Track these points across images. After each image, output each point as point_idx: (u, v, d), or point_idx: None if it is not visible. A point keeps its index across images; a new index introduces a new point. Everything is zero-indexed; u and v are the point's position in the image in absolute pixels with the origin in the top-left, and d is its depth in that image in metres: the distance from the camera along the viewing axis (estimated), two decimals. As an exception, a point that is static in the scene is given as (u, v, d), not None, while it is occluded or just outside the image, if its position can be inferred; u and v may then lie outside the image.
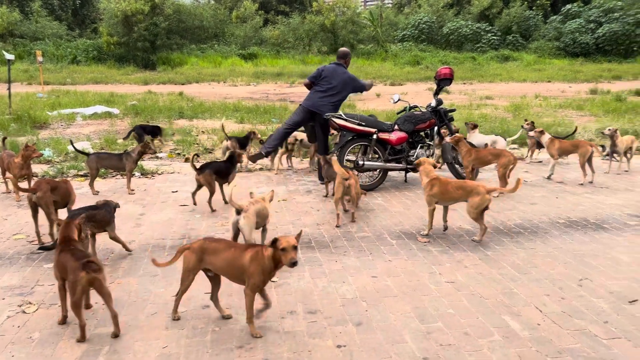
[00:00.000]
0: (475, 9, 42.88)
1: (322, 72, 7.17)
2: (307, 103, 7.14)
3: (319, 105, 7.03)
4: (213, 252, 3.32)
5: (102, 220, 4.33)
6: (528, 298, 3.75)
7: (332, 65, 7.24)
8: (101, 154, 6.78)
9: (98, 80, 24.19)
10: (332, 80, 7.06)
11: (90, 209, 4.32)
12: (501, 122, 11.64)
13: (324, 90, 7.07)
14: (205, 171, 5.79)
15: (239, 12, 42.43)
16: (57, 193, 4.82)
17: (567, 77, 26.24)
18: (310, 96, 7.18)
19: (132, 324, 3.37)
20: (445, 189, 4.92)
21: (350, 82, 7.17)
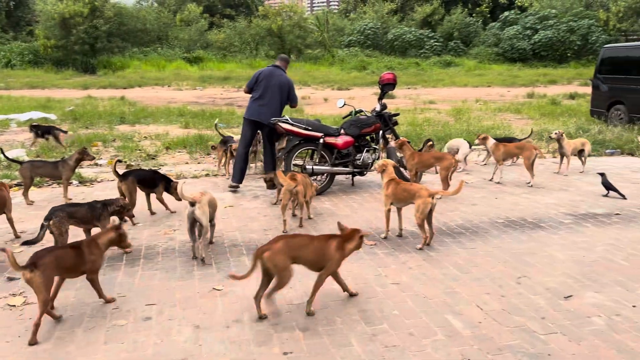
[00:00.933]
0: (418, 16, 44.02)
1: (258, 77, 6.99)
2: (248, 114, 6.98)
3: (259, 114, 6.87)
4: (300, 247, 3.56)
5: (85, 217, 4.39)
6: (469, 297, 3.85)
7: (269, 68, 7.09)
8: (35, 162, 6.47)
9: (34, 84, 23.16)
10: (268, 84, 6.88)
11: (71, 206, 4.44)
12: (444, 126, 11.95)
13: (262, 96, 6.89)
14: (128, 178, 5.56)
15: (183, 15, 41.75)
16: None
17: (505, 81, 27.30)
18: (250, 106, 7.00)
19: (68, 339, 3.22)
20: (396, 190, 5.00)
21: (287, 86, 6.99)
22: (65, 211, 4.33)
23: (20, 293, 3.85)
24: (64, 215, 4.28)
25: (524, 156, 7.28)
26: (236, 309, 3.65)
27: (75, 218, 4.40)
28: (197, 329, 3.38)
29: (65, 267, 3.41)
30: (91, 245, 3.57)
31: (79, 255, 3.47)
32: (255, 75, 7.06)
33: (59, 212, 4.28)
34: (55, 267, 3.30)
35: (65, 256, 3.41)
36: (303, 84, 25.71)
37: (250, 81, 7.09)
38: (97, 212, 4.52)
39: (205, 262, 4.47)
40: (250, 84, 7.06)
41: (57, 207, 4.39)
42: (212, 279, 4.14)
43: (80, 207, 4.53)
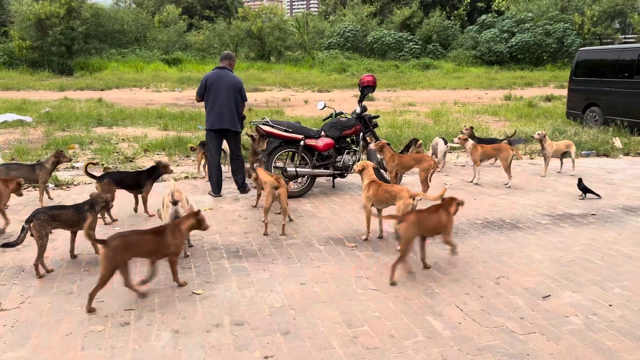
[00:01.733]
0: (397, 19, 44.25)
1: (206, 83, 6.70)
2: (209, 124, 6.75)
3: (221, 121, 6.67)
4: (426, 219, 4.24)
5: (70, 220, 4.34)
6: (449, 298, 3.88)
7: (214, 71, 6.79)
8: (10, 165, 6.33)
9: (9, 86, 22.68)
10: (219, 89, 6.63)
11: (54, 208, 4.38)
12: (423, 127, 12.04)
13: (215, 102, 6.65)
14: (104, 180, 5.58)
15: (162, 16, 41.31)
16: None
17: (483, 84, 27.62)
18: (208, 115, 6.75)
19: (44, 346, 3.15)
20: (377, 191, 5.01)
21: (238, 85, 6.74)
22: (47, 214, 4.22)
23: (-6, 299, 3.76)
24: (46, 219, 4.18)
25: (502, 157, 7.37)
26: (216, 313, 3.62)
27: (60, 221, 4.31)
28: (176, 333, 3.34)
29: (144, 251, 3.80)
30: (175, 231, 3.92)
31: (162, 240, 3.83)
32: (203, 81, 6.75)
33: (40, 215, 4.18)
34: (126, 250, 3.63)
35: (142, 240, 3.76)
36: (283, 86, 25.66)
37: (199, 88, 6.80)
38: (85, 214, 4.41)
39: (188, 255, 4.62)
40: (200, 92, 6.79)
41: (40, 210, 4.31)
42: (192, 283, 4.10)
43: (66, 209, 4.41)
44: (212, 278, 4.21)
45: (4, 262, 4.45)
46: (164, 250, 3.87)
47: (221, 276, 4.25)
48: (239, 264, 4.52)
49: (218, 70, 6.78)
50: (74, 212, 4.38)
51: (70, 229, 4.47)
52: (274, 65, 35.16)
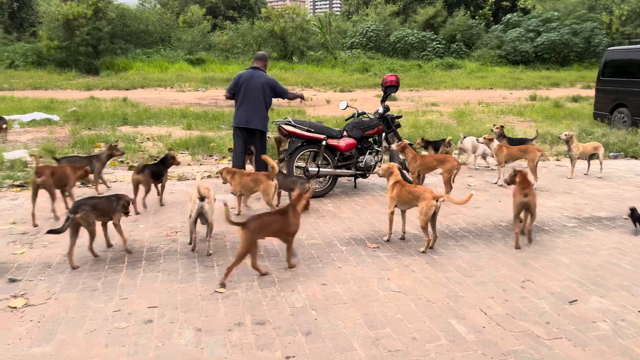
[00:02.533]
0: (421, 18, 43.95)
1: (238, 81, 6.73)
2: (236, 122, 6.77)
3: (248, 121, 6.68)
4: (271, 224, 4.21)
5: (104, 209, 4.55)
6: (473, 301, 3.82)
7: (248, 70, 6.79)
8: (71, 157, 6.77)
9: (37, 85, 23.18)
10: (249, 88, 6.64)
11: (93, 199, 4.56)
12: (446, 128, 11.92)
13: (245, 101, 6.66)
14: (145, 171, 5.96)
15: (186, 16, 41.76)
16: (55, 177, 5.53)
17: (508, 84, 27.24)
18: (236, 113, 6.78)
19: (69, 342, 3.20)
20: (400, 192, 4.97)
21: (270, 86, 6.75)
22: (89, 204, 4.45)
23: (22, 295, 3.83)
24: (89, 208, 4.41)
25: (528, 158, 7.23)
26: (238, 312, 3.62)
27: (97, 210, 4.51)
28: (198, 332, 3.36)
29: (274, 230, 4.23)
30: (294, 211, 4.33)
31: (287, 220, 4.24)
32: (235, 79, 6.78)
33: (84, 206, 4.40)
34: (260, 231, 4.05)
35: (273, 221, 4.20)
36: (305, 86, 25.69)
37: (230, 86, 6.80)
38: (113, 205, 4.64)
39: (211, 254, 4.69)
40: (231, 89, 6.79)
41: (81, 201, 4.50)
42: (214, 282, 4.12)
43: (100, 200, 4.63)
44: (234, 277, 4.21)
45: (31, 258, 4.54)
46: (288, 229, 4.28)
47: (243, 275, 4.26)
48: (261, 263, 4.51)
49: (252, 70, 6.79)
50: (106, 203, 4.61)
51: (102, 219, 4.64)
52: (296, 65, 35.21)
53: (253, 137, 6.85)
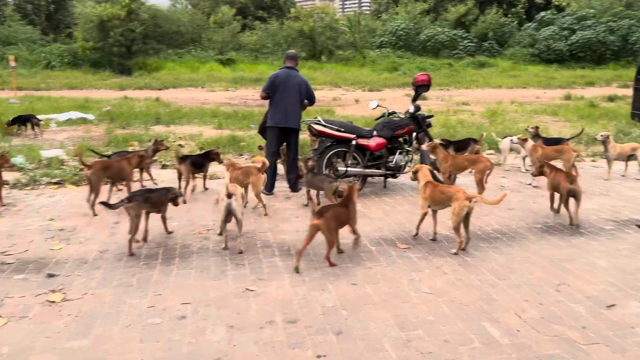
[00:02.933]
0: (452, 16, 43.44)
1: (275, 80, 6.75)
2: (274, 121, 6.80)
3: (286, 120, 6.74)
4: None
5: (156, 202, 4.86)
6: (507, 304, 3.76)
7: (284, 70, 6.84)
8: (120, 152, 7.20)
9: (73, 85, 23.78)
10: (288, 88, 6.71)
11: (147, 192, 4.91)
12: (478, 127, 11.75)
13: (283, 101, 6.72)
14: (187, 161, 6.57)
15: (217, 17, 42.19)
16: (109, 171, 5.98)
17: (541, 83, 26.69)
18: (273, 113, 6.81)
19: (105, 337, 3.28)
20: (434, 192, 4.93)
21: (305, 86, 6.87)
22: (142, 197, 4.75)
23: (60, 289, 3.94)
24: (141, 200, 4.69)
25: (563, 159, 7.07)
26: (269, 310, 3.65)
27: (149, 203, 4.80)
28: (231, 329, 3.39)
29: (342, 221, 4.52)
30: (353, 203, 4.66)
31: (349, 212, 4.57)
32: (272, 79, 6.79)
33: (137, 197, 4.72)
34: (335, 220, 4.40)
35: (342, 212, 4.54)
36: (334, 85, 25.69)
37: (266, 86, 6.80)
38: (163, 197, 4.94)
39: (243, 252, 4.74)
40: (267, 89, 6.78)
41: (136, 192, 4.88)
42: (246, 280, 4.16)
43: (153, 193, 4.94)
44: (264, 275, 4.25)
45: (68, 254, 4.66)
46: (352, 219, 4.63)
47: (274, 274, 4.28)
48: (291, 262, 4.54)
49: (287, 70, 6.85)
50: (158, 196, 4.91)
51: (153, 210, 4.92)
52: (325, 64, 35.23)
53: (288, 136, 6.90)
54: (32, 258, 4.57)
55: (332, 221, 4.38)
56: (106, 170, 5.97)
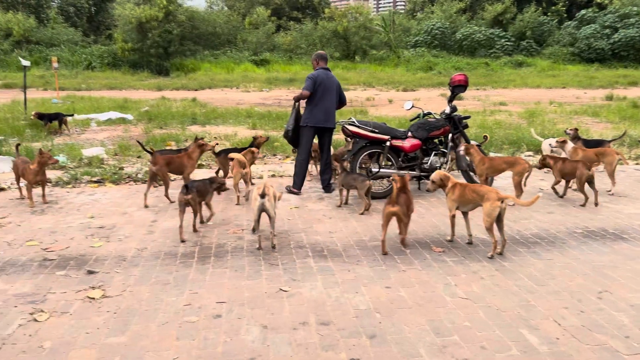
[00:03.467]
0: (489, 15, 42.75)
1: (316, 81, 6.78)
2: (313, 121, 6.84)
3: (326, 120, 6.86)
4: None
5: (203, 192, 5.35)
6: (546, 311, 3.66)
7: (322, 71, 6.89)
8: (163, 151, 7.39)
9: (112, 86, 24.41)
10: (327, 89, 6.82)
11: (197, 182, 5.38)
12: (515, 128, 11.51)
13: (323, 101, 6.81)
14: (222, 155, 7.11)
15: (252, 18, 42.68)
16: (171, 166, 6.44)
17: (582, 83, 25.98)
18: (313, 113, 6.84)
19: (143, 334, 3.34)
20: (463, 192, 4.86)
21: (339, 87, 7.04)
22: (195, 187, 5.21)
23: (99, 286, 4.04)
24: (195, 190, 5.17)
25: (606, 162, 6.85)
26: (302, 311, 3.65)
27: (198, 192, 5.23)
28: (264, 329, 3.41)
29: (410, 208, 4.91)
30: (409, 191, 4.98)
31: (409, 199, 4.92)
32: (313, 79, 6.81)
33: (192, 188, 5.17)
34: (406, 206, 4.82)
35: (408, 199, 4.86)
36: (367, 85, 25.61)
37: (309, 85, 6.79)
38: (208, 187, 5.42)
39: (275, 247, 4.88)
40: (311, 88, 6.79)
41: (190, 184, 5.24)
42: (279, 280, 4.17)
43: (200, 183, 5.38)
44: (298, 276, 4.26)
45: (107, 252, 4.77)
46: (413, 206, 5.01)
47: (307, 275, 4.29)
48: (324, 263, 4.54)
49: (325, 71, 6.94)
50: (203, 184, 5.37)
51: (200, 198, 5.32)
52: (359, 64, 35.16)
53: (323, 136, 7.00)
54: (73, 255, 4.70)
55: (405, 207, 4.76)
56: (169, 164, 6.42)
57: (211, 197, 5.50)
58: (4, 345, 3.20)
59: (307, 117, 6.93)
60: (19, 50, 32.78)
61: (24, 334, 3.34)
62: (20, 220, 5.69)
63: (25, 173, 6.16)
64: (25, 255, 4.69)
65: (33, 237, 5.17)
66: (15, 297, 3.84)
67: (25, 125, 11.70)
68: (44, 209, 6.11)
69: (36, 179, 6.16)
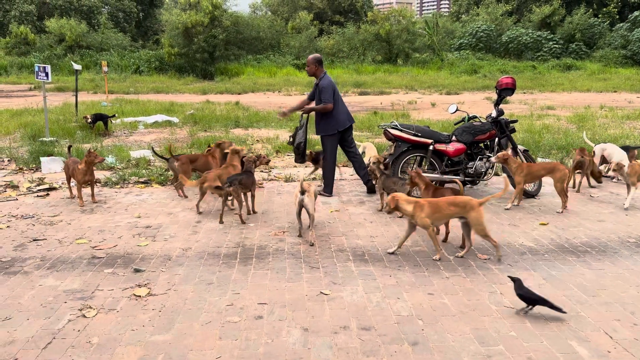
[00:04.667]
0: (536, 17, 41.68)
1: (334, 87, 6.79)
2: (343, 124, 6.86)
3: (349, 119, 7.01)
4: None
5: (246, 183, 5.81)
6: (597, 322, 3.52)
7: (328, 76, 6.88)
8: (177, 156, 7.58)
9: (159, 89, 25.05)
10: (338, 91, 6.94)
11: (239, 175, 5.84)
12: (565, 133, 11.15)
13: (340, 104, 6.90)
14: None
15: (295, 22, 42.99)
16: (196, 164, 6.97)
17: (634, 87, 24.94)
18: (338, 118, 6.82)
19: (186, 333, 3.40)
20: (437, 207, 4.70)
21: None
22: (237, 179, 5.69)
23: (145, 284, 4.14)
24: (237, 183, 5.64)
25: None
26: (343, 315, 3.63)
27: (242, 184, 5.71)
28: (305, 331, 3.41)
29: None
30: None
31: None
32: (331, 87, 6.73)
33: (234, 181, 5.64)
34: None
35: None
36: (409, 89, 25.37)
37: (329, 95, 6.71)
38: (251, 180, 5.94)
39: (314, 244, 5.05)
40: (332, 98, 6.73)
41: (232, 177, 5.73)
42: (320, 283, 4.17)
43: (243, 176, 5.83)
44: (339, 280, 4.24)
45: (153, 251, 4.89)
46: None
47: (348, 278, 4.27)
48: (365, 267, 4.51)
49: (328, 75, 6.94)
50: (247, 177, 5.86)
51: (244, 190, 5.82)
52: (401, 67, 34.88)
53: (345, 133, 7.01)
54: (120, 253, 4.84)
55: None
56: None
57: (255, 188, 6.05)
58: (54, 340, 3.31)
59: (331, 124, 6.83)
60: (71, 55, 34.11)
61: (73, 329, 3.45)
62: (71, 219, 5.90)
63: (75, 173, 6.39)
64: (75, 252, 4.86)
65: (82, 235, 5.35)
66: (65, 293, 3.98)
67: (76, 127, 12.14)
68: (93, 208, 6.31)
69: (85, 178, 6.38)
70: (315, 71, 6.86)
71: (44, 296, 3.93)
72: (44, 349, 3.21)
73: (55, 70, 29.72)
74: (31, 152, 9.16)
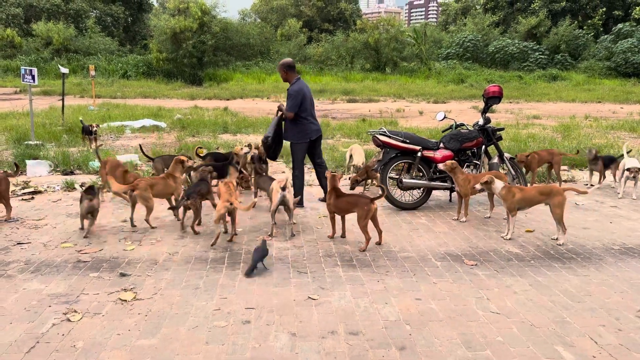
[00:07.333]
0: (522, 28, 42.25)
1: (303, 95, 6.46)
2: (311, 134, 6.60)
3: (319, 129, 6.69)
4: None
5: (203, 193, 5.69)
6: (582, 328, 3.55)
7: (301, 82, 6.59)
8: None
9: (147, 94, 24.91)
10: (309, 99, 6.60)
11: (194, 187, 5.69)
12: (550, 142, 11.28)
13: (311, 113, 6.62)
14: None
15: (284, 30, 43.13)
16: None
17: (618, 97, 25.33)
18: (309, 127, 6.57)
19: (173, 337, 3.37)
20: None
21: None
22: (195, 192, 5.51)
23: (131, 288, 4.10)
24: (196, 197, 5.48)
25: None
26: (331, 320, 3.63)
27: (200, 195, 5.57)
28: (293, 336, 3.39)
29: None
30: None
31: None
32: (299, 94, 6.43)
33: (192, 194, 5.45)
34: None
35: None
36: (397, 97, 25.50)
37: (295, 103, 6.43)
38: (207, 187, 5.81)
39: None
40: (295, 108, 6.45)
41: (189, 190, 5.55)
42: (308, 288, 4.16)
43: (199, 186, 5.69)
44: (327, 285, 4.24)
45: (140, 255, 4.85)
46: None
47: (336, 284, 4.26)
48: (353, 273, 4.51)
49: (302, 81, 6.67)
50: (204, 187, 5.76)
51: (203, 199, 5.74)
52: (389, 76, 35.09)
53: (315, 142, 6.76)
54: (106, 257, 4.79)
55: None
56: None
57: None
58: (38, 344, 3.26)
59: (299, 133, 6.60)
60: (58, 59, 33.82)
61: (57, 333, 3.40)
62: (56, 223, 5.84)
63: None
64: (60, 256, 4.80)
65: (68, 239, 5.29)
66: (50, 297, 3.93)
67: (62, 130, 12.02)
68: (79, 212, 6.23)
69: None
70: (286, 77, 6.64)
71: (27, 300, 3.88)
72: (28, 353, 3.16)
73: (42, 74, 29.41)
74: (16, 155, 9.05)
